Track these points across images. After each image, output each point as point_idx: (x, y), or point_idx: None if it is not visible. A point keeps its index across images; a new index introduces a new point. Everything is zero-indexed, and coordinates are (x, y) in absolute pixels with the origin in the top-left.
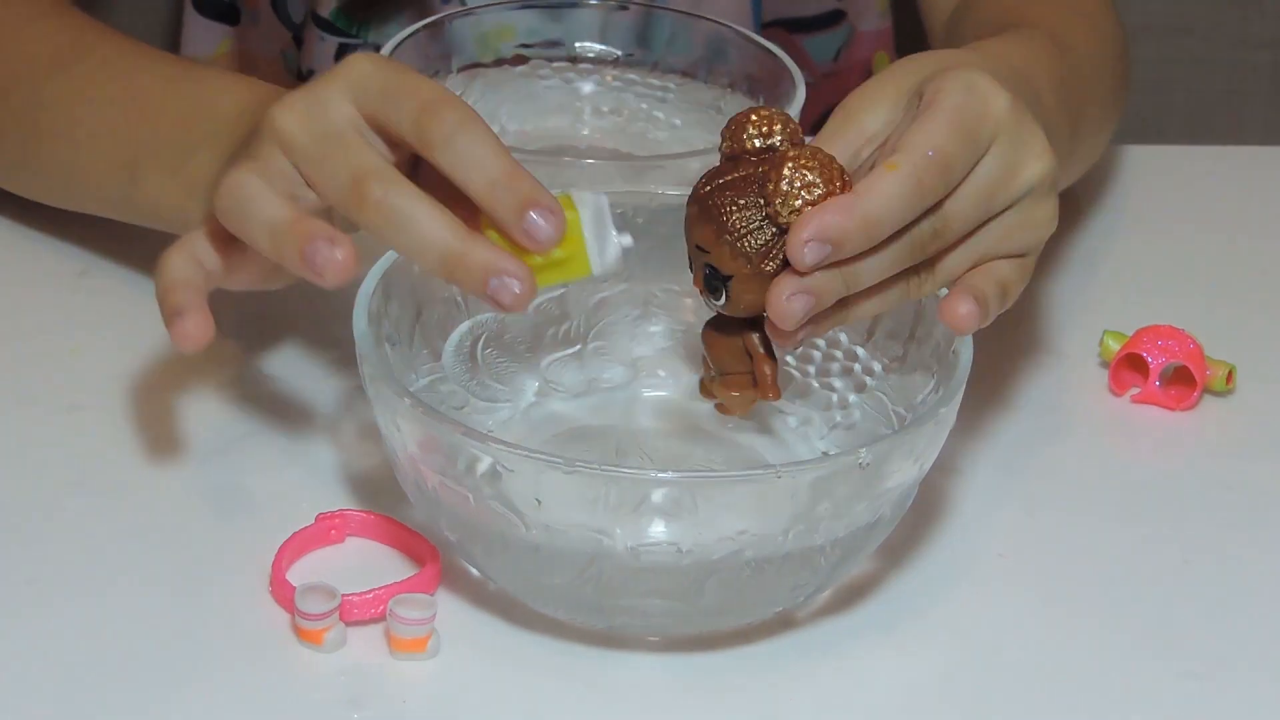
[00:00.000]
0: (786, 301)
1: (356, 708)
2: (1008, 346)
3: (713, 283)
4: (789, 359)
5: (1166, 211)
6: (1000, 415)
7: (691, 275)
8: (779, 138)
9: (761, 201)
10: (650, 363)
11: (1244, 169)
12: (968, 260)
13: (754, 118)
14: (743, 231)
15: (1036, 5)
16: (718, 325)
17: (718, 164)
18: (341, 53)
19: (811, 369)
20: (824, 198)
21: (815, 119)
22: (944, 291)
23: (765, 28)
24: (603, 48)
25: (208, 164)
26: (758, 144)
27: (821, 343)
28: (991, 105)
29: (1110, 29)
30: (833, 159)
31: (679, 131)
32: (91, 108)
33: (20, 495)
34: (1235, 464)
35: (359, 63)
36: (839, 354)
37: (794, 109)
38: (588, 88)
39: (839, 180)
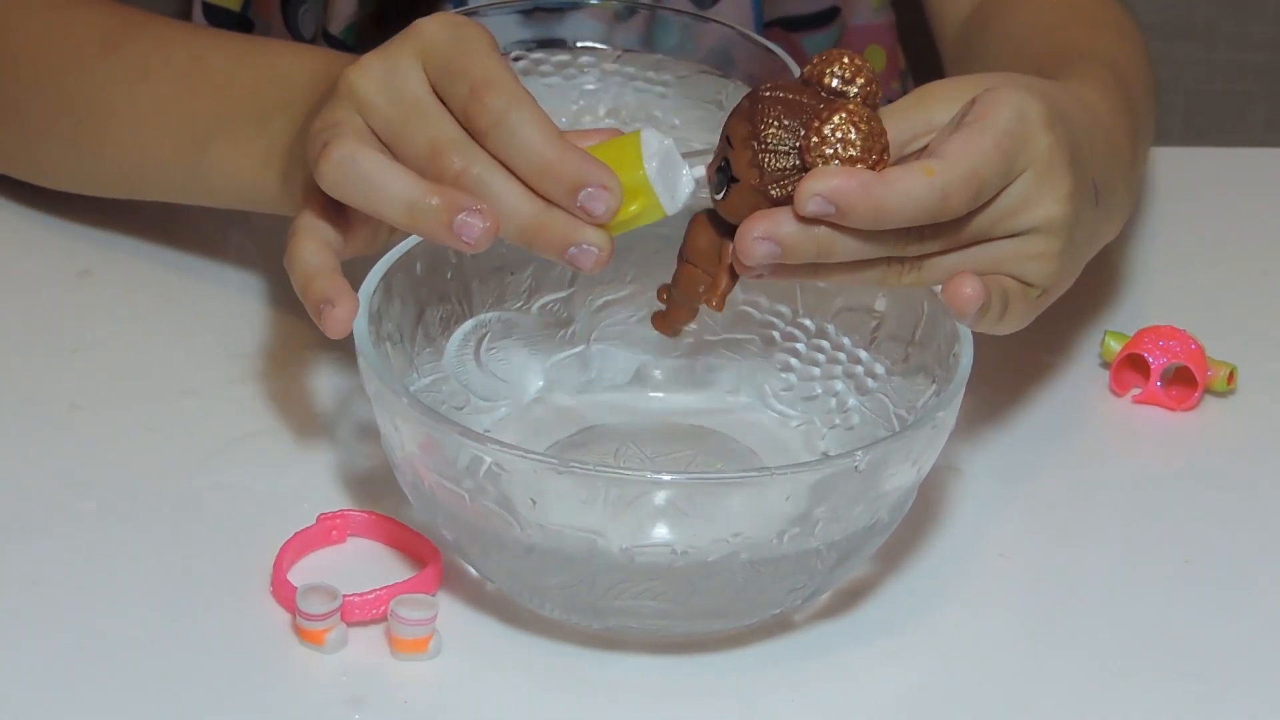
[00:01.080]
0: (753, 240)
1: (357, 708)
2: (1009, 347)
3: (721, 177)
4: (793, 361)
5: (1167, 212)
6: (1001, 416)
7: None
8: (855, 89)
9: (801, 132)
10: (652, 364)
11: (1244, 170)
12: (956, 268)
13: (845, 60)
14: (770, 147)
15: (1073, 24)
16: (710, 219)
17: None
18: None
19: (816, 370)
20: (853, 162)
21: None
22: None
23: (766, 28)
24: (605, 47)
25: (283, 131)
26: (834, 84)
27: (825, 344)
28: (1035, 139)
29: (1141, 43)
30: (884, 133)
31: (678, 131)
32: (151, 84)
33: (20, 495)
34: (1235, 464)
35: (429, 25)
36: (842, 356)
37: None
38: (588, 86)
39: (877, 154)
